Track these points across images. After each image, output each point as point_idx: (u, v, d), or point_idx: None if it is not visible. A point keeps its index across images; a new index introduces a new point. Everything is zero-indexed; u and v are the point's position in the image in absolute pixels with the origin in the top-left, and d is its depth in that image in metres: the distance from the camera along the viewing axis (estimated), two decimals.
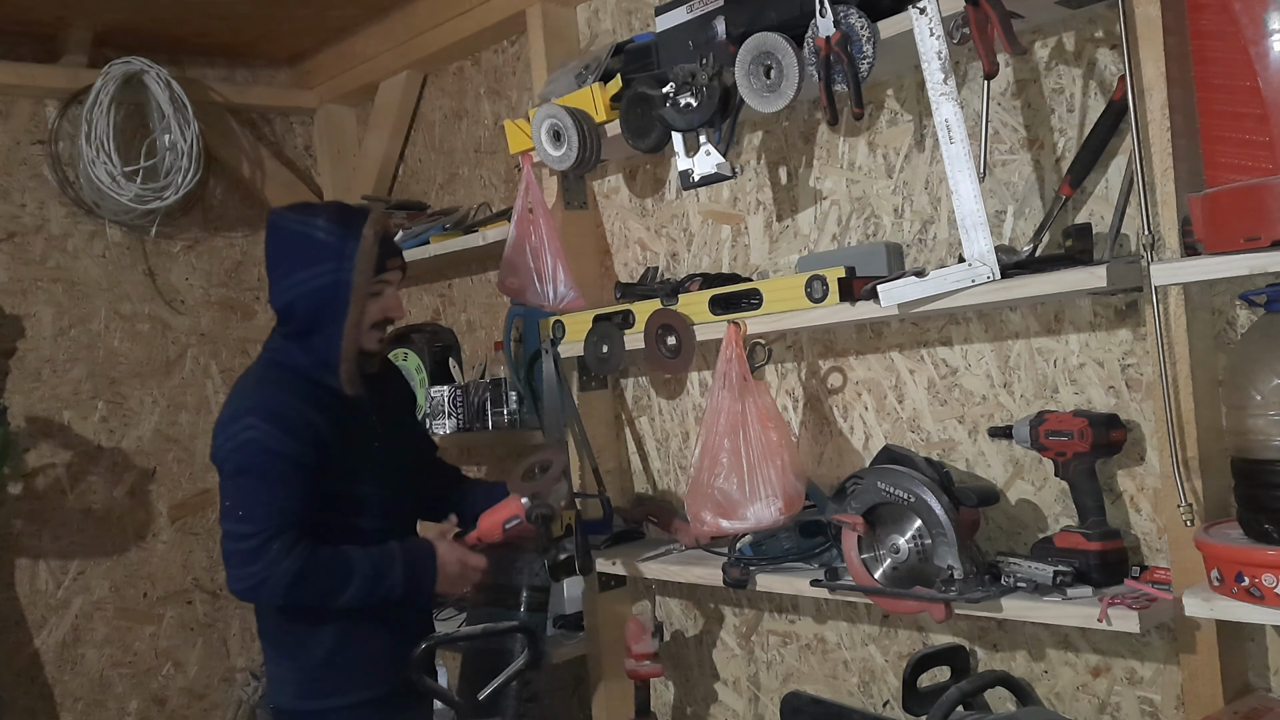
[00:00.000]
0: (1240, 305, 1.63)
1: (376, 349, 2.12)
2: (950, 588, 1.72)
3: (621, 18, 2.60)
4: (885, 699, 2.17)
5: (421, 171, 3.38)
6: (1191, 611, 1.52)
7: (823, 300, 1.91)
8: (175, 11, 3.04)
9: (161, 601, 3.25)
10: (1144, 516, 1.77)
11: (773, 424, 1.99)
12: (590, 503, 2.49)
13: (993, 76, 1.67)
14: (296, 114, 3.62)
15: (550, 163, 2.37)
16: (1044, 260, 1.72)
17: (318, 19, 3.19)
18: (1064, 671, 1.89)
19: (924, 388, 2.05)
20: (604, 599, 2.54)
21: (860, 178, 2.13)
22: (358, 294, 2.02)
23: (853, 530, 1.85)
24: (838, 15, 1.81)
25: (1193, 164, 1.56)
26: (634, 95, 2.18)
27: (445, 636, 2.24)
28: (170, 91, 3.11)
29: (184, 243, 3.38)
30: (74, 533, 3.10)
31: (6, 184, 3.08)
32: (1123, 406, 1.78)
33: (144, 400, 3.26)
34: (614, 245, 2.64)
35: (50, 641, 3.05)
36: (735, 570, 2.07)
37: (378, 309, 2.07)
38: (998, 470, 1.95)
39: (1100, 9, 1.73)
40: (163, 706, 3.23)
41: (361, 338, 2.06)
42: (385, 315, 2.09)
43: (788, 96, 1.90)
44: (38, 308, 3.11)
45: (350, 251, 2.01)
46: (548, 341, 2.45)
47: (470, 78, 3.16)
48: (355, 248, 2.01)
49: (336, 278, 2.01)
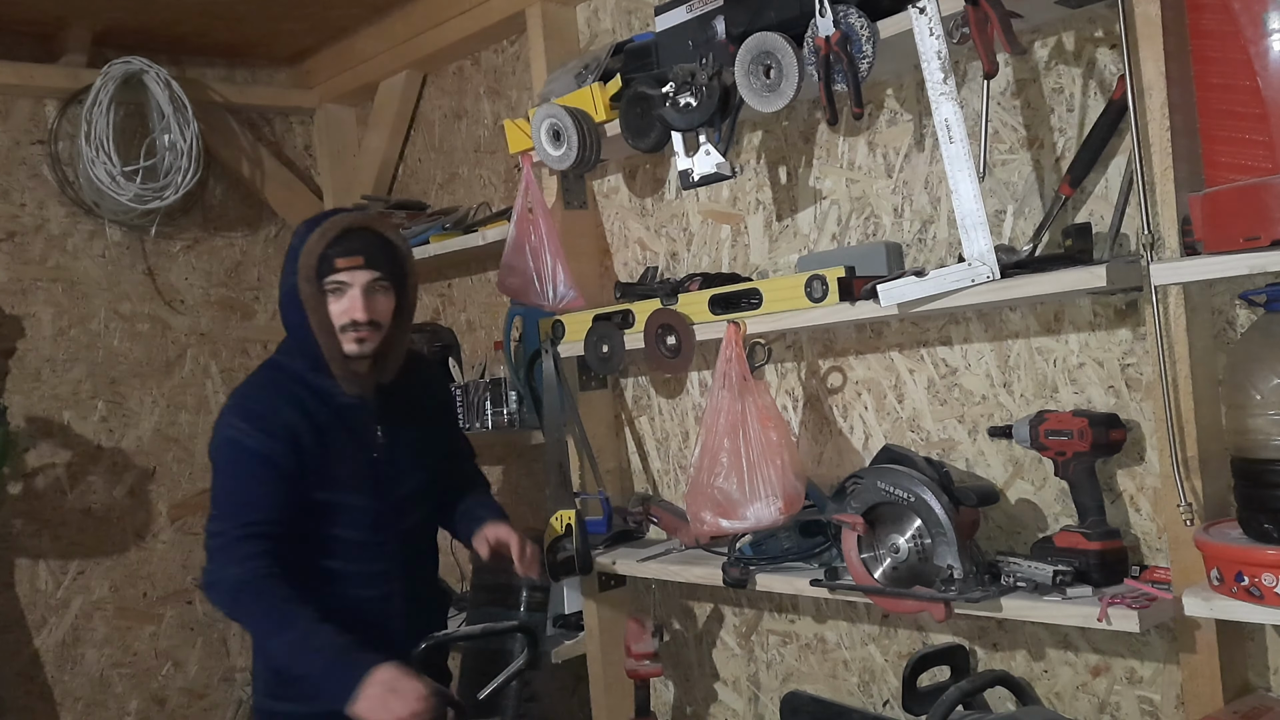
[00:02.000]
0: (1240, 305, 1.63)
1: (356, 351, 2.03)
2: (950, 587, 1.72)
3: (621, 17, 2.60)
4: (885, 698, 2.17)
5: (421, 171, 3.38)
6: (1191, 611, 1.52)
7: (823, 300, 1.91)
8: (175, 11, 3.04)
9: (161, 601, 3.25)
10: (1144, 516, 1.77)
11: (773, 424, 1.99)
12: (590, 503, 2.49)
13: (993, 76, 1.67)
14: (296, 114, 3.62)
15: (550, 162, 2.37)
16: (1044, 260, 1.72)
17: (318, 19, 3.19)
18: (1064, 671, 1.89)
19: (924, 387, 2.05)
20: (604, 599, 2.54)
21: (860, 177, 2.13)
22: (305, 296, 1.99)
23: (853, 530, 1.85)
24: (837, 15, 1.81)
25: (1193, 164, 1.56)
26: (634, 95, 2.18)
27: (445, 636, 2.24)
28: (170, 91, 3.10)
29: (184, 243, 3.38)
30: (74, 533, 3.10)
31: (6, 184, 3.08)
32: (1123, 406, 1.78)
33: (144, 400, 3.26)
34: (614, 245, 2.64)
35: (50, 641, 3.05)
36: (735, 570, 2.07)
37: (338, 312, 2.01)
38: (998, 470, 1.95)
39: (1100, 9, 1.73)
40: (163, 706, 3.23)
41: (337, 340, 2.02)
42: (348, 317, 2.00)
43: (787, 96, 1.90)
44: (37, 308, 3.11)
45: (295, 253, 2.01)
46: (548, 341, 2.45)
47: (470, 78, 3.16)
48: (300, 249, 1.99)
49: (289, 280, 2.02)
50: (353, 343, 2.02)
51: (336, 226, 2.01)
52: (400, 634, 2.08)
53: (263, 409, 2.02)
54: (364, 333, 2.02)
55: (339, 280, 2.00)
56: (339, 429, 2.06)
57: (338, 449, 2.05)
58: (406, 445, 2.15)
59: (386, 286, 2.05)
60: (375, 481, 2.09)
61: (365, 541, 2.08)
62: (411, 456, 2.15)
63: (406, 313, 2.13)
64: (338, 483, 2.04)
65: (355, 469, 2.07)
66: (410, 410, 2.17)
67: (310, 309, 2.00)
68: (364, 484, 2.08)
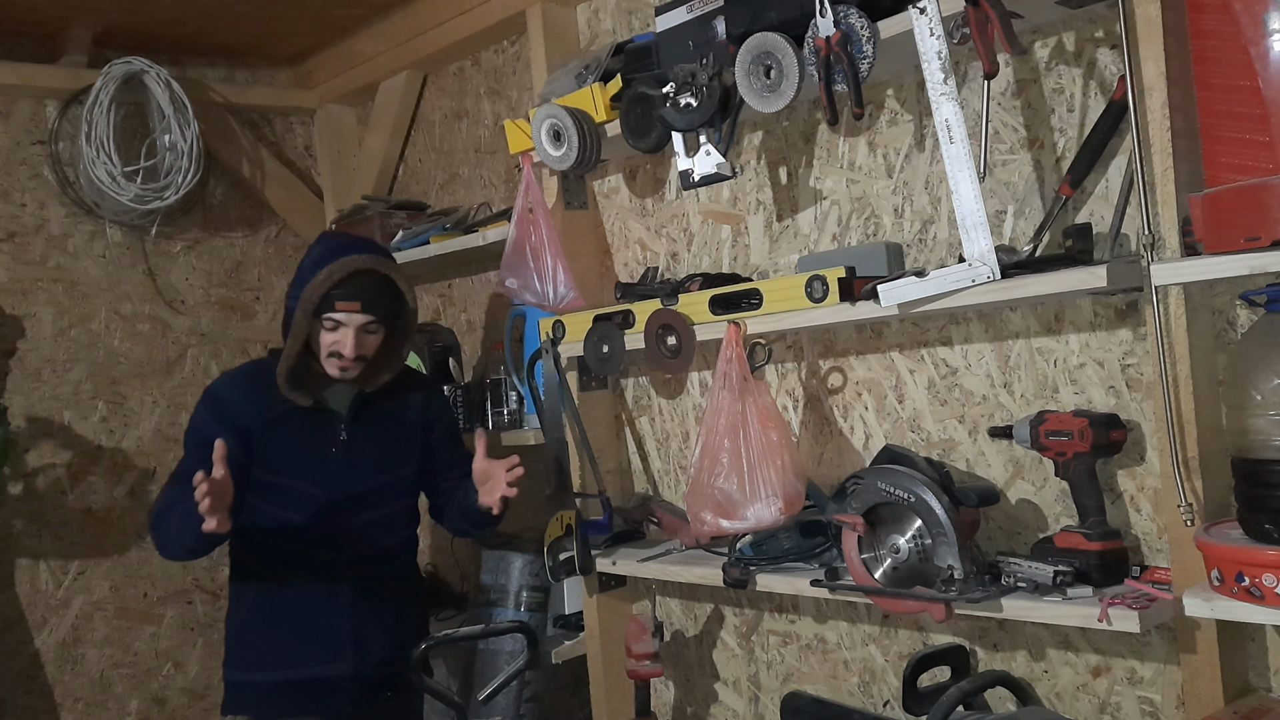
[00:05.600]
0: (1240, 305, 1.63)
1: (338, 376, 2.19)
2: (950, 588, 1.72)
3: (621, 18, 2.60)
4: (885, 699, 2.17)
5: (421, 171, 3.38)
6: (1192, 611, 1.52)
7: (823, 300, 1.91)
8: (175, 11, 3.04)
9: (161, 601, 3.25)
10: (1144, 516, 1.77)
11: (773, 424, 1.99)
12: (590, 503, 2.49)
13: (993, 76, 1.67)
14: (296, 114, 3.62)
15: (550, 163, 2.37)
16: (1044, 260, 1.72)
17: (318, 19, 3.19)
18: (1064, 671, 1.89)
19: (924, 388, 2.05)
20: (604, 599, 2.54)
21: (860, 178, 2.13)
22: (297, 322, 2.15)
23: (853, 530, 1.85)
24: (838, 15, 1.81)
25: (1193, 164, 1.56)
26: (634, 95, 2.18)
27: (445, 636, 2.24)
28: (170, 91, 3.11)
29: (184, 243, 3.38)
30: (74, 533, 3.10)
31: (6, 184, 3.08)
32: (1123, 406, 1.78)
33: (144, 400, 3.26)
34: (614, 245, 2.64)
35: (50, 641, 3.05)
36: (735, 570, 2.07)
37: (328, 341, 2.16)
38: (998, 470, 1.95)
39: (1100, 9, 1.73)
40: (163, 706, 3.23)
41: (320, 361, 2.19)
42: (337, 349, 2.15)
43: (788, 96, 1.90)
44: (38, 308, 3.11)
45: (303, 281, 2.16)
46: (548, 341, 2.45)
47: (470, 78, 3.16)
48: (308, 280, 2.14)
49: (291, 300, 2.18)
50: (336, 370, 2.19)
51: (344, 269, 2.14)
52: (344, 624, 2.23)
53: (219, 395, 2.24)
54: (347, 364, 2.18)
55: (335, 319, 2.15)
56: (298, 422, 2.22)
57: (294, 440, 2.21)
58: (371, 447, 2.28)
59: (379, 329, 2.20)
60: (331, 474, 2.23)
61: (316, 529, 2.21)
62: (374, 459, 2.28)
63: (396, 342, 2.26)
64: (286, 469, 2.20)
65: (309, 460, 2.22)
66: (384, 419, 2.31)
67: (295, 335, 2.17)
68: (316, 475, 2.22)
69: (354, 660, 2.23)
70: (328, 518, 2.22)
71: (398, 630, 2.30)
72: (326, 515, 2.22)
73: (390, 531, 2.32)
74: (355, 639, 2.24)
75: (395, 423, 2.32)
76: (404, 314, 2.24)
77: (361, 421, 2.27)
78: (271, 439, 2.19)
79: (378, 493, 2.28)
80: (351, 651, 2.23)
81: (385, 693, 2.29)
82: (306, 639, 2.22)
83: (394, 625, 2.30)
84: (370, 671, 2.25)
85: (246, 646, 2.26)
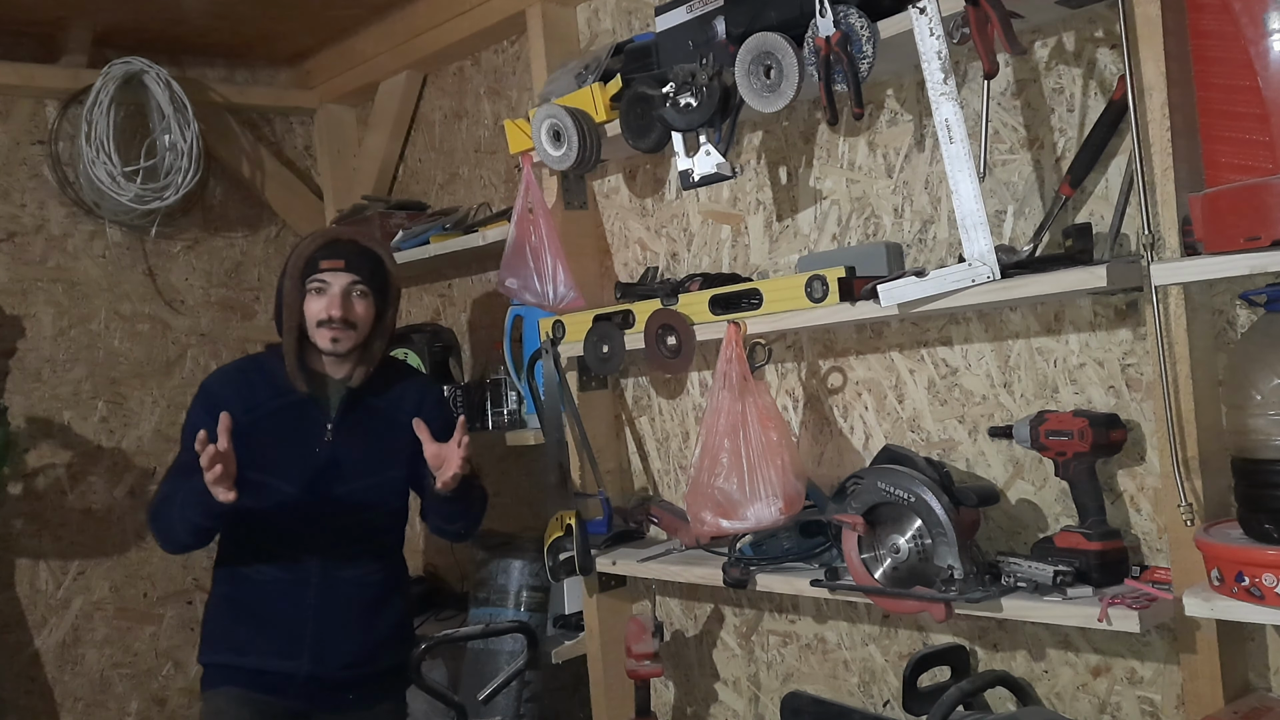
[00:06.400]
0: (1240, 305, 1.63)
1: (330, 348, 2.18)
2: (950, 588, 1.72)
3: (621, 18, 2.60)
4: (885, 699, 2.17)
5: (421, 171, 3.38)
6: (1192, 611, 1.52)
7: (823, 300, 1.91)
8: (175, 11, 3.04)
9: (161, 601, 3.25)
10: (1144, 516, 1.77)
11: (773, 424, 1.99)
12: (590, 503, 2.49)
13: (993, 76, 1.67)
14: (296, 114, 3.62)
15: (550, 163, 2.37)
16: (1044, 260, 1.72)
17: (318, 19, 3.19)
18: (1064, 671, 1.89)
19: (924, 388, 2.05)
20: (604, 599, 2.54)
21: (860, 178, 2.13)
22: (286, 292, 2.19)
23: (853, 530, 1.85)
24: (838, 15, 1.81)
25: (1193, 164, 1.56)
26: (634, 95, 2.18)
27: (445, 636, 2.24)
28: (170, 91, 3.11)
29: (184, 243, 3.38)
30: (74, 533, 3.10)
31: (6, 184, 3.08)
32: (1123, 406, 1.78)
33: (144, 400, 3.26)
34: (614, 245, 2.64)
35: (50, 641, 3.05)
36: (735, 570, 2.07)
37: (315, 310, 2.17)
38: (998, 470, 1.95)
39: (1100, 9, 1.73)
40: (163, 706, 3.23)
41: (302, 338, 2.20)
42: (325, 313, 2.16)
43: (788, 96, 1.90)
44: (38, 308, 3.11)
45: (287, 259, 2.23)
46: (548, 341, 2.45)
47: (470, 78, 3.16)
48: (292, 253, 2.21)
49: (280, 280, 2.23)
50: (328, 340, 2.18)
51: (326, 235, 2.24)
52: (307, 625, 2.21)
53: (212, 386, 2.27)
54: (338, 330, 2.17)
55: (321, 280, 2.16)
56: (285, 420, 2.22)
57: (279, 437, 2.20)
58: (357, 448, 2.25)
59: (365, 292, 2.20)
60: (313, 474, 2.21)
61: (289, 527, 2.20)
62: (360, 459, 2.25)
63: (386, 322, 2.25)
64: (268, 466, 2.17)
65: (293, 459, 2.21)
66: (374, 418, 2.27)
67: (287, 304, 2.19)
68: (299, 474, 2.20)
69: (311, 660, 2.21)
70: (303, 516, 2.20)
71: (365, 635, 2.26)
72: (302, 514, 2.20)
73: (370, 534, 2.29)
74: (317, 640, 2.21)
75: (385, 423, 2.27)
76: (389, 282, 2.25)
77: (349, 421, 2.25)
78: (259, 433, 2.18)
79: (359, 494, 2.25)
80: (310, 651, 2.21)
81: (347, 695, 2.26)
82: (267, 634, 2.21)
83: (363, 630, 2.26)
84: (328, 674, 2.22)
85: (211, 634, 2.29)
